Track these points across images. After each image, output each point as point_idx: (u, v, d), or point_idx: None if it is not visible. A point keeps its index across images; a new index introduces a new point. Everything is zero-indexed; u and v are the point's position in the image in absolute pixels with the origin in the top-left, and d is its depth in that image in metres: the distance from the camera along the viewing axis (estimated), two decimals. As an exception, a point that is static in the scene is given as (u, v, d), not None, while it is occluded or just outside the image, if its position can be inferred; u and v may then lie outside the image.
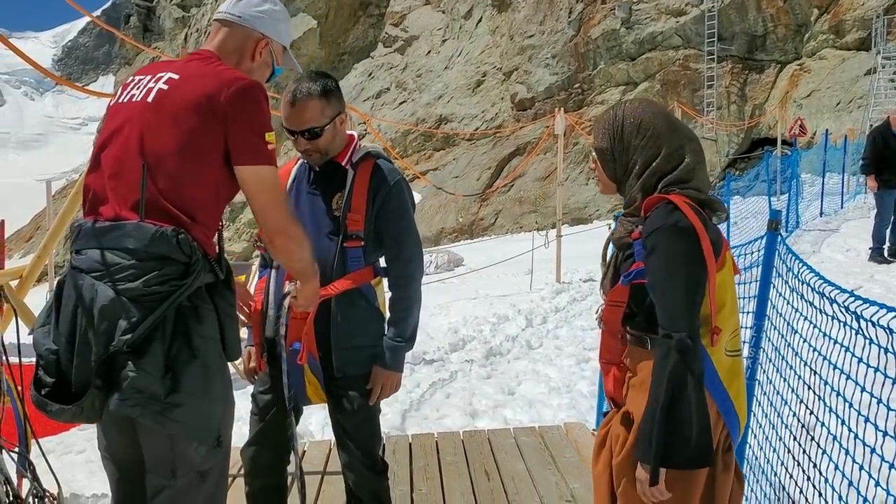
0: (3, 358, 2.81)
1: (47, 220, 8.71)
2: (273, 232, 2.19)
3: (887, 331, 1.85)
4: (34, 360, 2.13)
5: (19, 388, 2.80)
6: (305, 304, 2.49)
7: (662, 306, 1.90)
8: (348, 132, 2.71)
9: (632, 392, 2.04)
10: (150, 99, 2.10)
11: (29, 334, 2.24)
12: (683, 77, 24.86)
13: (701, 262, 1.88)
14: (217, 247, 2.17)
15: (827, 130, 17.75)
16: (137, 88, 2.16)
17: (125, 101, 2.16)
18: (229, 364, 2.21)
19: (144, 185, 2.02)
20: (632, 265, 1.99)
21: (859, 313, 2.01)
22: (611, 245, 2.16)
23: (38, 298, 4.07)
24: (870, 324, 1.96)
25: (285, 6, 2.47)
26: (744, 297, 3.33)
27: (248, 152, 2.08)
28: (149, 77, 2.17)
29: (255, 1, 2.30)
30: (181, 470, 2.06)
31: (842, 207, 14.88)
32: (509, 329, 8.48)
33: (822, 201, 14.44)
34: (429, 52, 32.56)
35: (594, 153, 2.15)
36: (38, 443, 2.90)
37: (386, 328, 2.70)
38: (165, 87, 2.10)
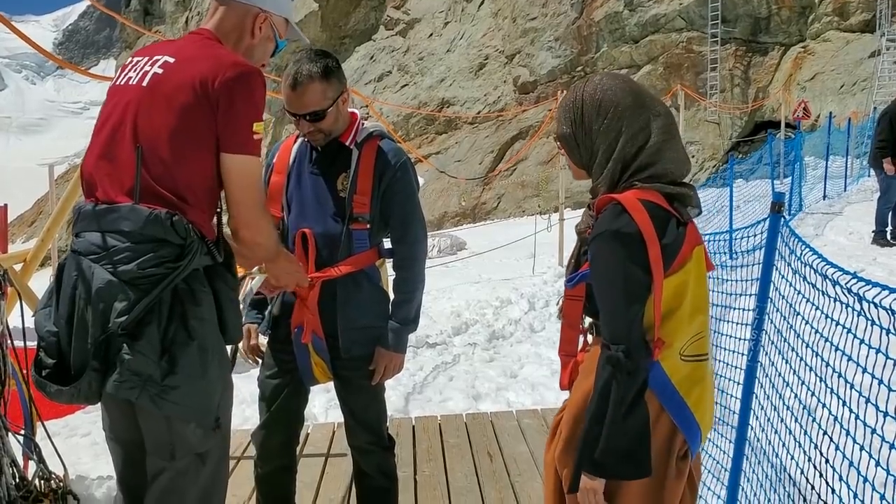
0: (8, 341, 2.82)
1: (50, 205, 8.71)
2: (243, 225, 2.15)
3: (889, 312, 1.85)
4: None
5: (24, 371, 2.81)
6: (280, 282, 2.47)
7: (603, 317, 1.84)
8: (350, 110, 2.68)
9: (577, 378, 2.02)
10: (145, 83, 2.08)
11: (32, 316, 2.25)
12: (686, 60, 24.70)
13: (644, 271, 1.77)
14: (215, 230, 2.17)
15: (831, 113, 17.67)
16: (134, 71, 2.14)
17: (122, 83, 2.15)
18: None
19: (139, 169, 2.01)
20: (584, 263, 1.92)
21: (862, 295, 2.01)
22: None
23: (41, 282, 4.08)
24: (872, 305, 1.95)
25: (287, -12, 2.39)
26: (746, 280, 3.33)
27: (235, 141, 2.06)
28: (146, 59, 2.15)
29: None
30: (180, 452, 2.07)
31: (845, 190, 14.82)
32: (512, 312, 8.47)
33: (825, 184, 14.35)
34: (431, 34, 32.35)
35: (558, 140, 2.02)
36: (43, 425, 2.92)
37: (390, 309, 2.71)
38: (161, 70, 2.08)
